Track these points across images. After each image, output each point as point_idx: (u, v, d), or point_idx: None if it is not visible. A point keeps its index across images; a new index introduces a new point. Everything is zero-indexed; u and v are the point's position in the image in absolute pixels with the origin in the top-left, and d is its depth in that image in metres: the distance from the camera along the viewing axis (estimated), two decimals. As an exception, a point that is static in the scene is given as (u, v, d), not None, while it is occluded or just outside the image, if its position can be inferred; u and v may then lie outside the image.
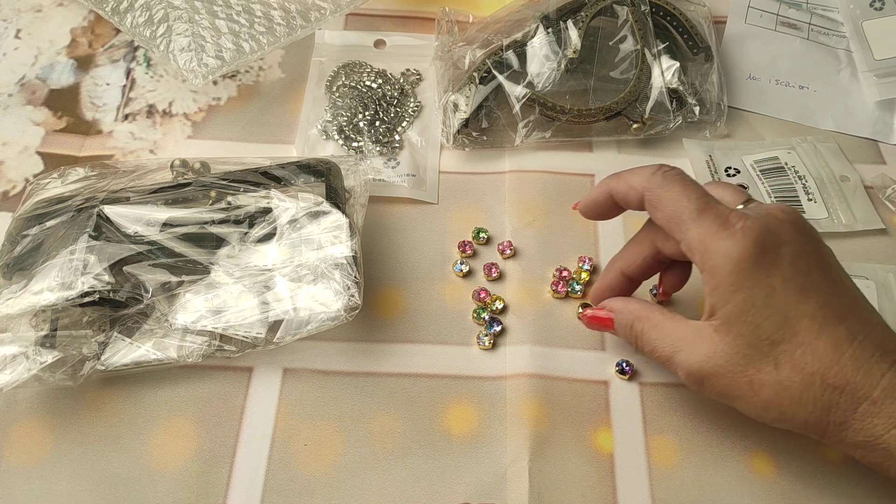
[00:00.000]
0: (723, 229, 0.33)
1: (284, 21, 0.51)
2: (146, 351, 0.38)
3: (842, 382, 0.32)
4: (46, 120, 0.51)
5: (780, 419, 0.33)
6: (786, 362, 0.32)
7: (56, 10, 0.58)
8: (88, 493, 0.37)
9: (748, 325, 0.33)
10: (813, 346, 0.32)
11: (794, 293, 0.32)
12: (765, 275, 0.32)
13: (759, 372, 0.33)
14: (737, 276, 0.33)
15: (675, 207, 0.34)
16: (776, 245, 0.33)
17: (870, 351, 0.32)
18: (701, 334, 0.34)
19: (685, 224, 0.34)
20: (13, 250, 0.39)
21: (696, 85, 0.52)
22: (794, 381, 0.32)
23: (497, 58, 0.51)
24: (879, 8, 0.57)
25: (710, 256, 0.33)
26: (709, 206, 0.34)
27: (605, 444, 0.39)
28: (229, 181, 0.42)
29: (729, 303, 0.33)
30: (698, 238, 0.33)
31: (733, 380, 0.33)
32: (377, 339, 0.42)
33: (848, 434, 0.32)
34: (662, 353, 0.36)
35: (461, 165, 0.50)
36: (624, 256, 0.40)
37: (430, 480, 0.38)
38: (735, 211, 0.34)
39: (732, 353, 0.33)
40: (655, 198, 0.35)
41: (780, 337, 0.32)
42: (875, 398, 0.31)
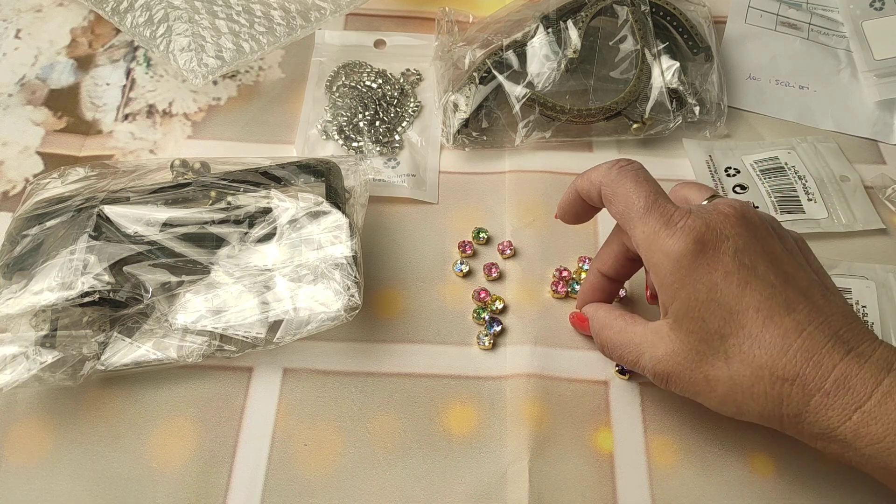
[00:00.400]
0: (664, 228, 0.33)
1: (284, 21, 0.51)
2: (146, 351, 0.38)
3: (791, 374, 0.32)
4: (46, 120, 0.51)
5: (738, 413, 0.34)
6: (735, 356, 0.33)
7: (56, 10, 0.58)
8: (88, 493, 0.37)
9: (695, 321, 0.33)
10: (760, 339, 0.32)
11: (736, 287, 0.32)
12: (706, 271, 0.33)
13: (713, 367, 0.33)
14: (678, 274, 0.33)
15: (625, 204, 0.35)
16: (717, 240, 0.33)
17: (821, 341, 0.32)
18: (659, 334, 0.35)
19: (633, 221, 0.35)
20: (13, 250, 0.39)
21: (696, 85, 0.52)
22: (745, 374, 0.32)
23: (497, 58, 0.51)
24: (879, 8, 0.57)
25: (653, 255, 0.34)
26: (655, 204, 0.34)
27: (605, 444, 0.39)
28: (229, 181, 0.42)
29: (675, 300, 0.34)
30: (643, 236, 0.34)
31: (691, 377, 0.34)
32: (377, 339, 0.42)
33: (804, 426, 0.32)
34: (629, 357, 0.36)
35: (461, 165, 0.50)
36: (599, 257, 0.41)
37: (430, 480, 0.38)
38: (679, 209, 0.34)
39: (686, 349, 0.34)
40: (610, 192, 0.36)
41: (728, 331, 0.33)
42: (827, 389, 0.31)
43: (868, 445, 0.31)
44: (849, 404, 0.31)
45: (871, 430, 0.31)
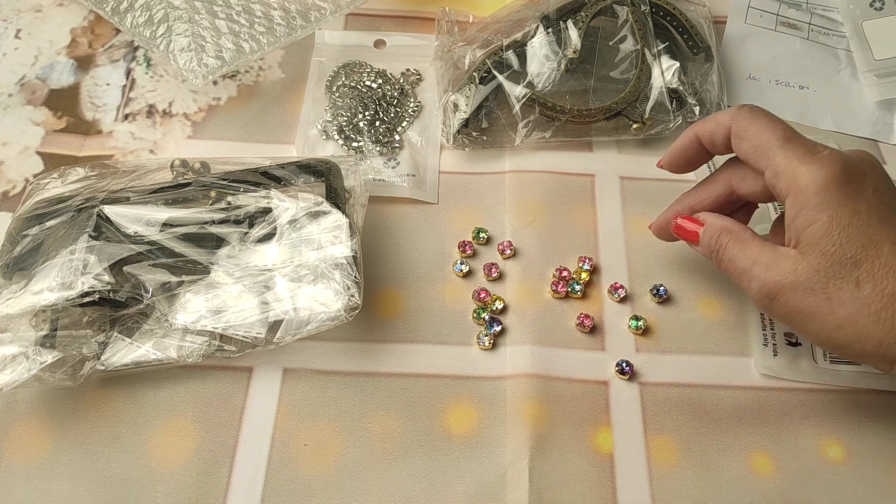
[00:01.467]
0: (810, 154, 0.35)
1: (284, 21, 0.51)
2: (146, 351, 0.38)
3: None
4: (46, 120, 0.51)
5: (853, 340, 0.34)
6: (867, 281, 0.33)
7: (56, 10, 0.58)
8: (88, 493, 0.37)
9: (833, 244, 0.34)
10: (894, 269, 0.33)
11: (877, 219, 0.34)
12: (851, 198, 0.34)
13: (839, 290, 0.34)
14: (824, 196, 0.34)
15: (761, 137, 0.36)
16: (860, 175, 0.35)
17: None
18: (782, 255, 0.35)
19: (772, 151, 0.36)
20: (13, 250, 0.39)
21: (696, 85, 0.52)
22: (875, 299, 0.33)
23: (497, 58, 0.51)
24: (879, 8, 0.57)
25: (797, 178, 0.35)
26: (795, 135, 0.36)
27: (605, 444, 0.39)
28: (229, 181, 0.42)
29: (815, 222, 0.34)
30: (785, 162, 0.35)
31: (810, 295, 0.34)
32: (377, 339, 0.42)
33: None
34: (740, 264, 0.36)
35: (461, 165, 0.50)
36: (697, 193, 0.41)
37: (430, 480, 0.38)
38: (821, 144, 0.36)
39: (814, 269, 0.34)
40: (742, 129, 0.37)
41: (864, 257, 0.33)
42: None
43: None
44: None
45: None
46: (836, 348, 0.35)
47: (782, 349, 0.42)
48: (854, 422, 0.40)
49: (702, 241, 0.39)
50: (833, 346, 0.35)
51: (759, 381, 0.42)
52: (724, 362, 0.42)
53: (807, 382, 0.41)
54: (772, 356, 0.42)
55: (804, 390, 0.41)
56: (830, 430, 0.40)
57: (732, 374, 0.42)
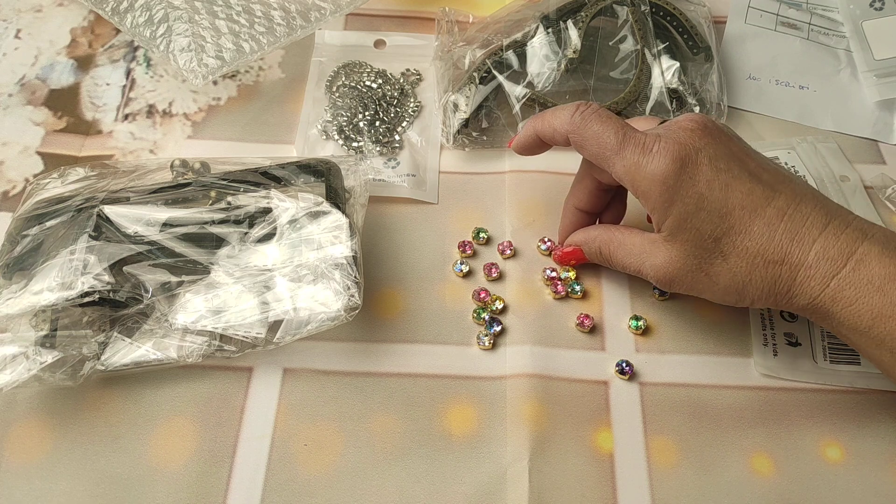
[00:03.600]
0: (642, 156, 0.36)
1: (284, 21, 0.51)
2: (146, 351, 0.38)
3: (780, 256, 0.35)
4: (46, 120, 0.51)
5: (739, 299, 0.37)
6: (730, 252, 0.36)
7: (56, 10, 0.58)
8: (88, 493, 0.37)
9: (690, 232, 0.36)
10: (749, 232, 0.36)
11: (719, 191, 0.36)
12: (690, 184, 0.36)
13: (712, 266, 0.37)
14: (667, 193, 0.36)
15: (598, 145, 0.38)
16: (692, 154, 0.36)
17: (799, 222, 0.35)
18: (656, 245, 0.38)
19: (610, 159, 0.38)
20: (13, 250, 0.39)
21: (696, 85, 0.52)
22: (741, 265, 0.36)
23: (497, 58, 0.51)
24: (879, 8, 0.57)
25: (639, 183, 0.37)
26: (627, 137, 0.37)
27: (605, 444, 0.39)
28: (229, 181, 0.42)
29: (668, 216, 0.37)
30: (624, 169, 0.37)
31: (694, 277, 0.37)
32: (377, 339, 0.42)
33: (794, 300, 0.36)
34: (632, 266, 0.40)
35: (461, 165, 0.50)
36: (573, 194, 0.44)
37: (430, 480, 0.38)
38: (649, 135, 0.37)
39: (685, 256, 0.37)
40: (579, 138, 0.39)
41: (720, 232, 0.36)
42: (809, 263, 0.35)
43: (843, 309, 0.35)
44: (827, 273, 0.35)
45: (845, 295, 0.34)
46: (734, 305, 0.38)
47: (782, 349, 0.42)
48: (854, 422, 0.40)
49: (590, 258, 0.43)
50: (730, 304, 0.38)
51: (759, 381, 0.42)
52: (724, 362, 0.42)
53: (807, 382, 0.41)
54: (772, 356, 0.42)
55: (804, 390, 0.41)
56: (830, 430, 0.40)
57: (732, 374, 0.42)
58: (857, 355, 0.42)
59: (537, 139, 0.41)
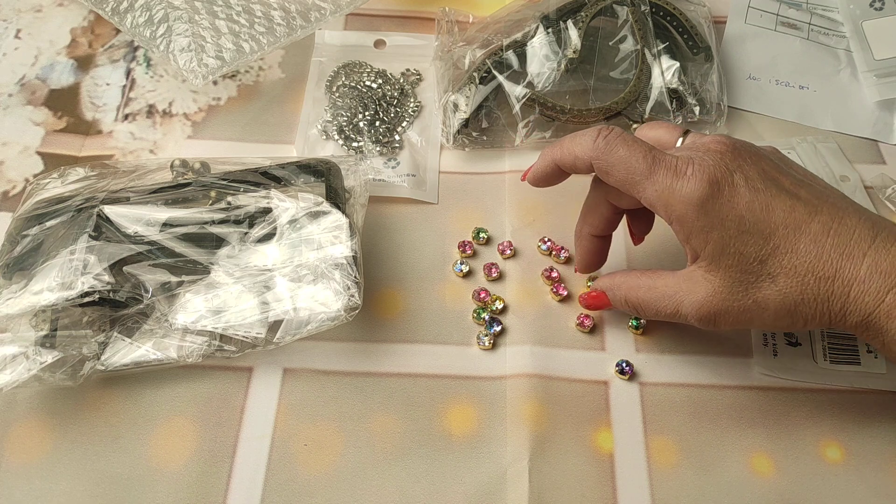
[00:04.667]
0: (676, 180, 0.35)
1: (284, 21, 0.51)
2: (146, 351, 0.38)
3: (831, 272, 0.34)
4: (46, 120, 0.51)
5: (792, 322, 0.35)
6: (779, 273, 0.34)
7: (56, 10, 0.58)
8: (88, 493, 0.37)
9: (734, 257, 0.35)
10: (795, 250, 0.34)
11: (760, 212, 0.34)
12: (729, 207, 0.34)
13: (760, 290, 0.35)
14: (705, 218, 0.34)
15: (626, 171, 0.36)
16: (727, 176, 0.35)
17: (847, 236, 0.34)
18: (694, 279, 0.36)
19: (640, 185, 0.36)
20: (13, 250, 0.39)
21: (696, 85, 0.52)
22: (792, 286, 0.34)
23: (497, 58, 0.51)
24: (879, 8, 0.57)
25: (673, 209, 0.35)
26: (657, 161, 0.35)
27: (605, 444, 0.39)
28: (229, 181, 0.42)
29: (708, 243, 0.35)
30: (657, 195, 0.35)
31: (741, 306, 0.35)
32: (377, 339, 0.42)
33: (848, 317, 0.34)
34: (667, 310, 0.37)
35: (461, 165, 0.50)
36: (588, 222, 0.42)
37: (430, 480, 0.38)
38: (681, 158, 0.35)
39: (730, 284, 0.35)
40: (605, 164, 0.37)
41: (766, 254, 0.34)
42: (862, 277, 0.33)
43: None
44: (882, 287, 0.33)
45: None
46: (786, 330, 0.36)
47: (782, 349, 0.42)
48: (854, 422, 0.40)
49: (617, 307, 0.40)
50: (781, 330, 0.36)
51: (759, 381, 0.42)
52: (724, 362, 0.42)
53: (807, 382, 0.41)
54: (772, 356, 0.42)
55: (804, 390, 0.41)
56: (830, 430, 0.40)
57: (732, 374, 0.42)
58: (857, 355, 0.42)
59: (556, 169, 0.39)
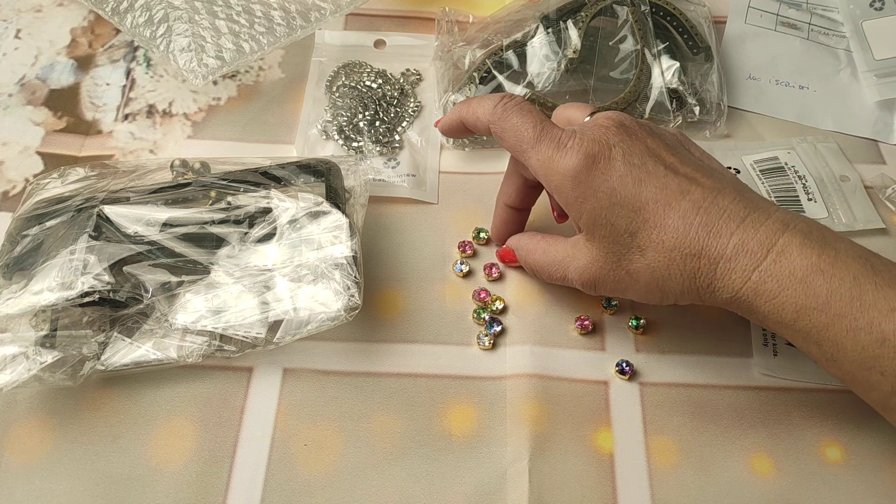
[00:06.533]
0: (556, 151, 0.36)
1: (284, 21, 0.51)
2: (146, 351, 0.38)
3: (697, 249, 0.34)
4: (46, 120, 0.51)
5: (663, 296, 0.37)
6: (647, 246, 0.35)
7: (56, 10, 0.58)
8: (88, 493, 0.37)
9: (605, 227, 0.36)
10: (664, 225, 0.35)
11: (632, 186, 0.35)
12: (602, 179, 0.35)
13: (631, 262, 0.36)
14: (579, 190, 0.36)
15: (516, 137, 0.38)
16: (605, 150, 0.36)
17: (716, 215, 0.34)
18: (578, 247, 0.38)
19: (526, 153, 0.37)
20: (13, 250, 0.39)
21: (696, 85, 0.52)
22: (660, 259, 0.35)
23: (497, 58, 0.51)
24: (879, 8, 0.57)
25: (551, 178, 0.37)
26: (544, 132, 0.37)
27: (605, 444, 0.39)
28: (229, 181, 0.42)
29: (583, 213, 0.36)
30: (539, 164, 0.37)
31: (615, 276, 0.37)
32: (377, 339, 0.42)
33: (716, 293, 0.35)
34: (556, 274, 0.40)
35: (461, 165, 0.50)
36: (503, 192, 0.44)
37: (430, 480, 0.38)
38: (566, 131, 0.37)
39: (605, 254, 0.37)
40: (499, 129, 0.39)
41: (636, 226, 0.35)
42: (728, 255, 0.34)
43: (766, 303, 0.34)
44: (748, 266, 0.34)
45: (767, 288, 0.33)
46: (659, 303, 0.37)
47: (782, 349, 0.42)
48: (853, 422, 0.40)
49: (524, 265, 0.43)
50: (655, 303, 0.37)
51: (759, 381, 0.42)
52: (724, 362, 0.42)
53: (807, 382, 0.41)
54: (772, 356, 0.42)
55: (804, 390, 0.41)
56: (830, 430, 0.40)
57: (732, 374, 0.42)
58: (856, 355, 0.42)
59: (461, 124, 0.41)
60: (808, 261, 0.33)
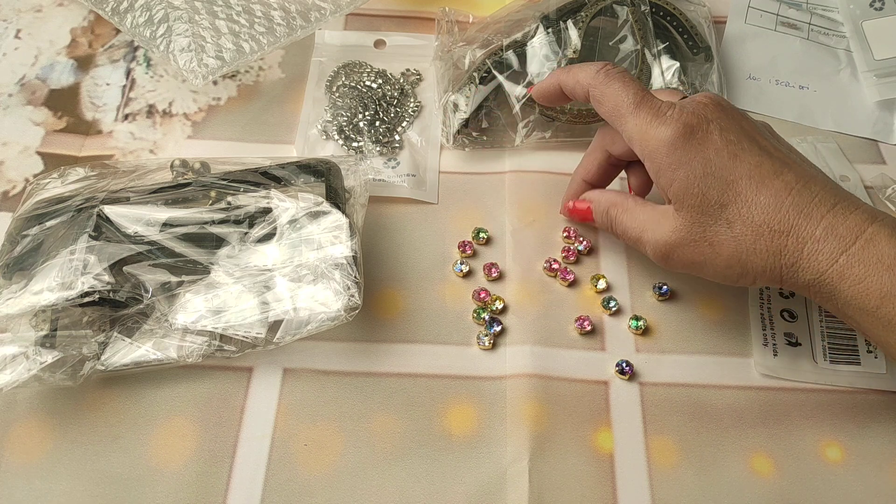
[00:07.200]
0: (655, 118, 0.37)
1: (284, 21, 0.51)
2: (146, 351, 0.38)
3: (786, 227, 0.35)
4: (46, 120, 0.51)
5: (742, 272, 0.37)
6: (736, 220, 0.36)
7: (56, 10, 0.58)
8: (88, 493, 0.37)
9: (696, 197, 0.36)
10: (755, 201, 0.35)
11: (728, 160, 0.36)
12: (698, 150, 0.36)
13: (717, 234, 0.36)
14: (674, 156, 0.36)
15: (615, 102, 0.38)
16: (704, 123, 0.37)
17: (808, 197, 0.35)
18: (665, 215, 0.38)
19: (624, 117, 0.38)
20: (13, 250, 0.39)
21: (696, 85, 0.52)
22: (747, 234, 0.36)
23: (497, 58, 0.51)
24: (879, 8, 0.57)
25: (647, 143, 0.37)
26: (644, 100, 0.38)
27: (605, 444, 0.39)
28: (229, 181, 0.42)
29: (674, 181, 0.37)
30: (636, 128, 0.37)
31: (696, 246, 0.37)
32: (377, 339, 0.42)
33: (799, 274, 0.35)
34: (632, 233, 0.40)
35: (461, 165, 0.50)
36: (583, 165, 0.45)
37: (430, 480, 0.38)
38: (667, 103, 0.38)
39: (691, 223, 0.37)
40: (599, 93, 0.39)
41: (727, 199, 0.36)
42: (818, 237, 0.34)
43: (851, 287, 0.34)
44: (836, 249, 0.34)
45: (854, 272, 0.34)
46: (735, 282, 0.37)
47: (782, 349, 0.42)
48: (853, 422, 0.40)
49: (595, 218, 0.43)
50: (731, 282, 0.37)
51: (759, 381, 0.42)
52: (724, 362, 0.42)
53: (807, 382, 0.41)
54: (772, 356, 0.42)
55: (804, 390, 0.41)
56: (830, 430, 0.40)
57: (732, 374, 0.42)
58: (857, 355, 0.42)
59: (559, 90, 0.42)
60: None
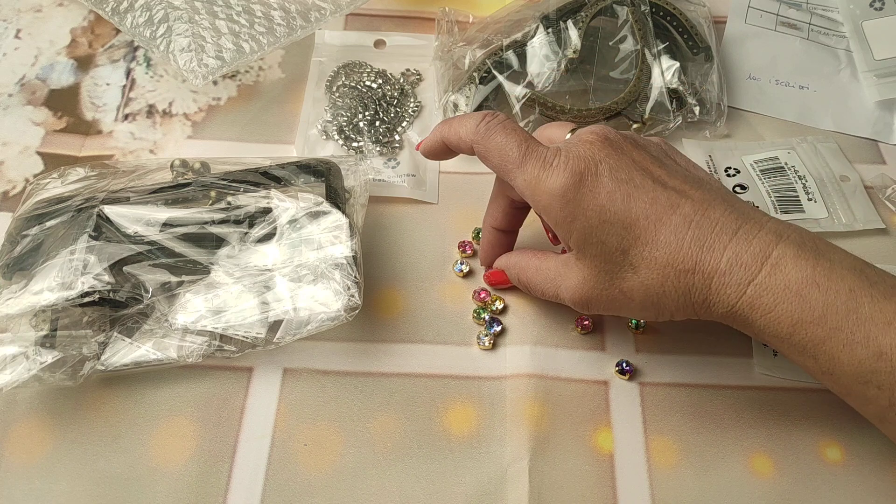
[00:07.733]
0: (542, 170, 0.35)
1: (284, 21, 0.51)
2: (146, 351, 0.38)
3: (690, 265, 0.34)
4: (46, 120, 0.51)
5: (658, 313, 0.36)
6: (640, 264, 0.34)
7: (56, 10, 0.58)
8: (88, 493, 0.37)
9: (597, 246, 0.35)
10: (655, 241, 0.34)
11: (621, 203, 0.34)
12: (591, 198, 0.34)
13: (624, 280, 0.35)
14: (567, 209, 0.35)
15: (500, 158, 0.37)
16: (593, 165, 0.35)
17: (708, 228, 0.34)
18: (569, 265, 0.37)
19: (512, 173, 0.36)
20: (13, 250, 0.39)
21: (696, 85, 0.52)
22: (653, 277, 0.34)
23: (497, 58, 0.51)
24: (879, 8, 0.57)
25: (539, 199, 0.35)
26: (529, 151, 0.36)
27: (605, 444, 0.39)
28: (229, 181, 0.42)
29: (572, 233, 0.35)
30: (525, 184, 0.36)
31: (609, 295, 0.36)
32: (377, 339, 0.42)
33: (712, 308, 0.34)
34: (550, 292, 0.39)
35: (461, 165, 0.50)
36: (490, 214, 0.43)
37: (430, 480, 0.38)
38: (551, 149, 0.36)
39: (596, 273, 0.36)
40: (483, 149, 0.37)
41: (627, 244, 0.34)
42: (722, 270, 0.33)
43: (762, 316, 0.33)
44: (742, 279, 0.33)
45: (763, 301, 0.33)
46: (658, 319, 0.37)
47: (782, 349, 0.42)
48: (853, 422, 0.40)
49: (515, 284, 0.42)
50: (649, 319, 0.37)
51: (759, 381, 0.42)
52: (724, 362, 0.42)
53: (807, 382, 0.41)
54: (772, 356, 0.42)
55: (804, 390, 0.41)
56: (830, 430, 0.40)
57: (732, 374, 0.42)
58: (856, 355, 0.42)
59: (443, 145, 0.40)
60: (803, 273, 0.32)
